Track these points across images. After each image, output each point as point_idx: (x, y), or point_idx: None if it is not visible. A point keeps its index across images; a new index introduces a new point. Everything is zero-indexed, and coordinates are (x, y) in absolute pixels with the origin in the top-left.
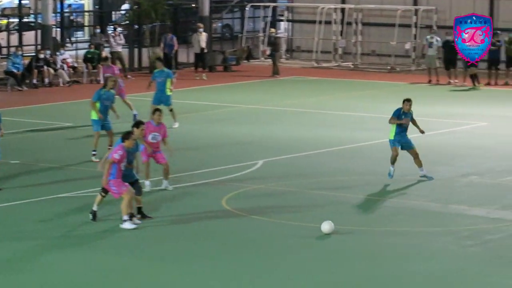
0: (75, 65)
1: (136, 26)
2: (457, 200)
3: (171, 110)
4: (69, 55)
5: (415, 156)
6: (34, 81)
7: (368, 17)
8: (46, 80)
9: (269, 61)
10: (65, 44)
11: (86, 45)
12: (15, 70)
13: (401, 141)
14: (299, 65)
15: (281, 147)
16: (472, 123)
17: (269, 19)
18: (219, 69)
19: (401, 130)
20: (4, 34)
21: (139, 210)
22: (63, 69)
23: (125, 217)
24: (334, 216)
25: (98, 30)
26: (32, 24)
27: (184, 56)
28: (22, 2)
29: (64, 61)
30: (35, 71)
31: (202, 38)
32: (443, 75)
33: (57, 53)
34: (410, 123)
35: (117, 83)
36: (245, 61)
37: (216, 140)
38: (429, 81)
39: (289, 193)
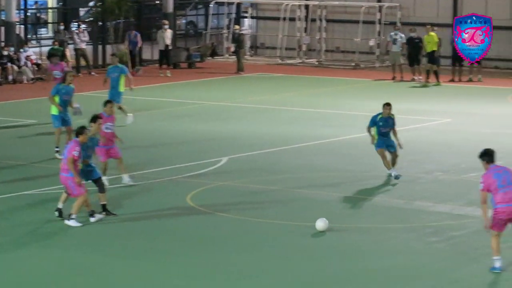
0: (39, 62)
1: (100, 23)
2: (421, 196)
3: (119, 108)
4: (33, 52)
5: (394, 158)
6: None
7: (332, 14)
8: (10, 77)
9: (234, 58)
10: (28, 41)
11: (50, 42)
12: None
13: (386, 143)
14: (264, 62)
15: (245, 144)
16: (436, 120)
17: (233, 16)
18: (183, 66)
19: (383, 134)
20: None
21: (104, 207)
22: (27, 66)
23: (73, 216)
24: (296, 213)
25: (62, 27)
26: None
27: (148, 53)
28: None
29: (28, 58)
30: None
31: (167, 35)
32: (407, 71)
33: (21, 50)
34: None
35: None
36: (210, 58)
37: (181, 137)
38: (393, 78)
39: (254, 190)
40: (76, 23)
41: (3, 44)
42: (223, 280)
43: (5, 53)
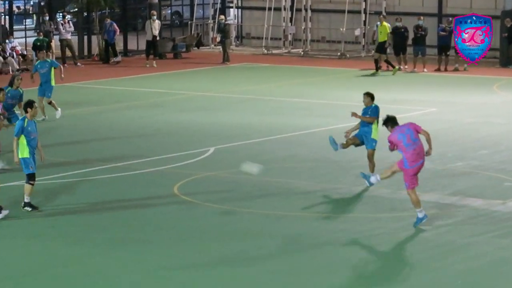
0: (25, 53)
1: (85, 14)
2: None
3: (50, 103)
4: (18, 43)
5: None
6: None
7: (317, 3)
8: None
9: (219, 48)
10: (13, 32)
11: (33, 32)
12: None
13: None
14: (249, 52)
15: (231, 134)
16: (422, 109)
17: (218, 5)
18: (169, 56)
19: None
20: None
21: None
22: (12, 57)
23: None
24: (283, 203)
25: (47, 18)
26: None
27: (133, 43)
28: None
29: (13, 49)
30: None
31: (155, 25)
32: (393, 61)
33: (6, 41)
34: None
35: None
36: (195, 48)
37: (167, 127)
38: (379, 68)
39: (240, 180)
40: (61, 14)
41: None
42: (206, 270)
43: None
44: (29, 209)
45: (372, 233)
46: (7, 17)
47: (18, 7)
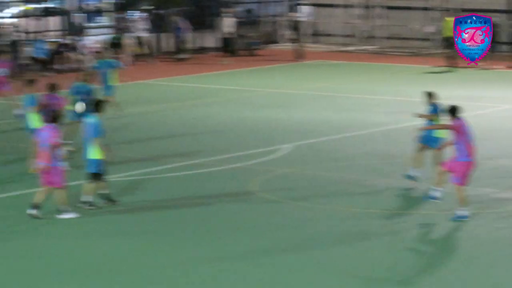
0: (98, 50)
1: (160, 12)
2: (485, 183)
3: (110, 101)
4: (92, 40)
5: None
6: (58, 66)
7: (390, 0)
8: (69, 66)
9: (292, 45)
10: (87, 30)
11: (107, 30)
12: (40, 56)
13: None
14: (323, 49)
15: (308, 131)
16: (495, 106)
17: (292, 2)
18: (242, 53)
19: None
20: (29, 20)
21: None
22: (85, 54)
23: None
24: (365, 200)
25: (122, 15)
26: (56, 10)
27: (207, 40)
28: None
29: (86, 46)
30: (59, 56)
31: (229, 22)
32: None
33: (80, 38)
34: None
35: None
36: (268, 45)
37: (243, 124)
38: (451, 64)
39: (320, 177)
40: (136, 12)
41: (62, 33)
42: (292, 267)
43: (65, 41)
44: (89, 207)
45: (454, 230)
46: (81, 15)
47: (91, 5)
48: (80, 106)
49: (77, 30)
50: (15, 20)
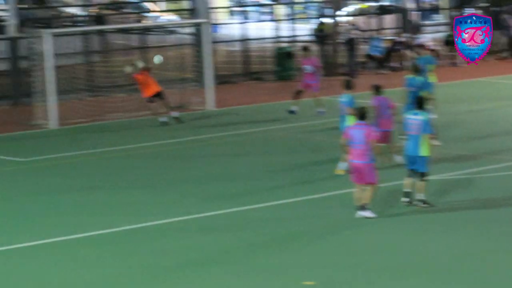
0: (435, 48)
1: (496, 9)
2: None
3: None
4: (427, 38)
5: None
6: (393, 64)
7: None
8: (405, 64)
9: None
10: (422, 27)
11: (442, 28)
12: (375, 54)
13: None
14: None
15: None
16: None
17: None
18: None
19: None
20: (364, 17)
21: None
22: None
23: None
24: None
25: (459, 13)
26: (392, 8)
27: None
28: None
29: (421, 45)
30: (395, 54)
31: None
32: None
33: (416, 36)
34: None
35: None
36: None
37: None
38: None
39: None
40: (471, 9)
41: (398, 30)
42: None
43: (400, 39)
44: (423, 204)
45: None
46: (417, 12)
47: (427, 3)
48: (157, 59)
49: (413, 28)
50: (350, 18)
